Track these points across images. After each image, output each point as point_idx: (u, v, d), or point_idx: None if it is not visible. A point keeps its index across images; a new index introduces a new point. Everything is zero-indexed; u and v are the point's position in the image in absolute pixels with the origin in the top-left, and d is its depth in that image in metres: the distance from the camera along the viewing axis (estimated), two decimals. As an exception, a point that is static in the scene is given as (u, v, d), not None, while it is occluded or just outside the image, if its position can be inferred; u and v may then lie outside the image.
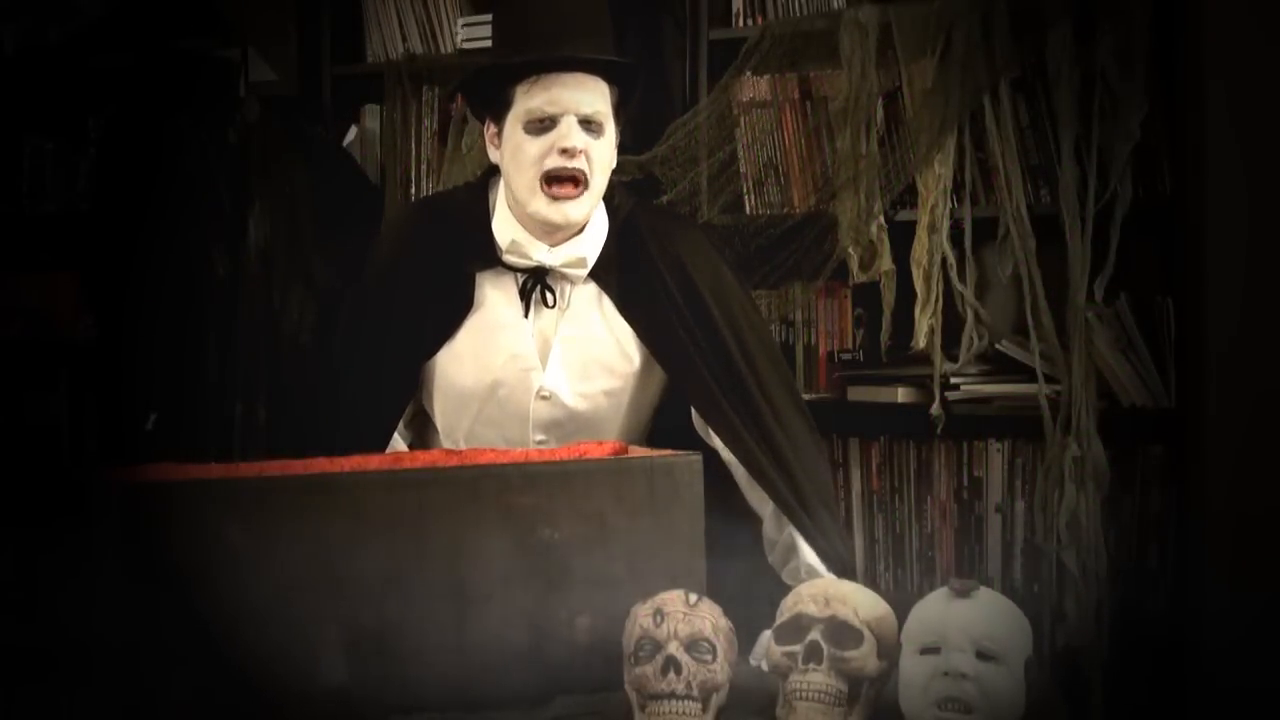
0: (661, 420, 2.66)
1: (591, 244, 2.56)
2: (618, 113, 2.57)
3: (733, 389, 2.55)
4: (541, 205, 2.50)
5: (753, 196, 3.80)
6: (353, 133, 4.39)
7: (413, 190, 4.27)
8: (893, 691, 1.89)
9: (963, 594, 1.85)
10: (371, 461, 2.21)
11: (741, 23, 3.84)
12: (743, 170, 3.80)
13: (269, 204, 4.13)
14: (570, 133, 2.48)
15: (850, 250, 3.60)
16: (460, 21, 4.18)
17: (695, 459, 2.16)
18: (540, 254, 2.53)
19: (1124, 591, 3.39)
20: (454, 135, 4.18)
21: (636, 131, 3.86)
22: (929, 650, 1.84)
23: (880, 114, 3.59)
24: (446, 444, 2.62)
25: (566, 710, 2.01)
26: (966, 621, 1.83)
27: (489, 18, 4.11)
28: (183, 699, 1.91)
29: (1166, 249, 3.39)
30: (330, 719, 1.96)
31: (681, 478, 2.13)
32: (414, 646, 2.00)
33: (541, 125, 2.49)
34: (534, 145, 2.49)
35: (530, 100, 2.49)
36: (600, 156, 2.52)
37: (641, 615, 1.94)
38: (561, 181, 2.49)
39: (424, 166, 4.26)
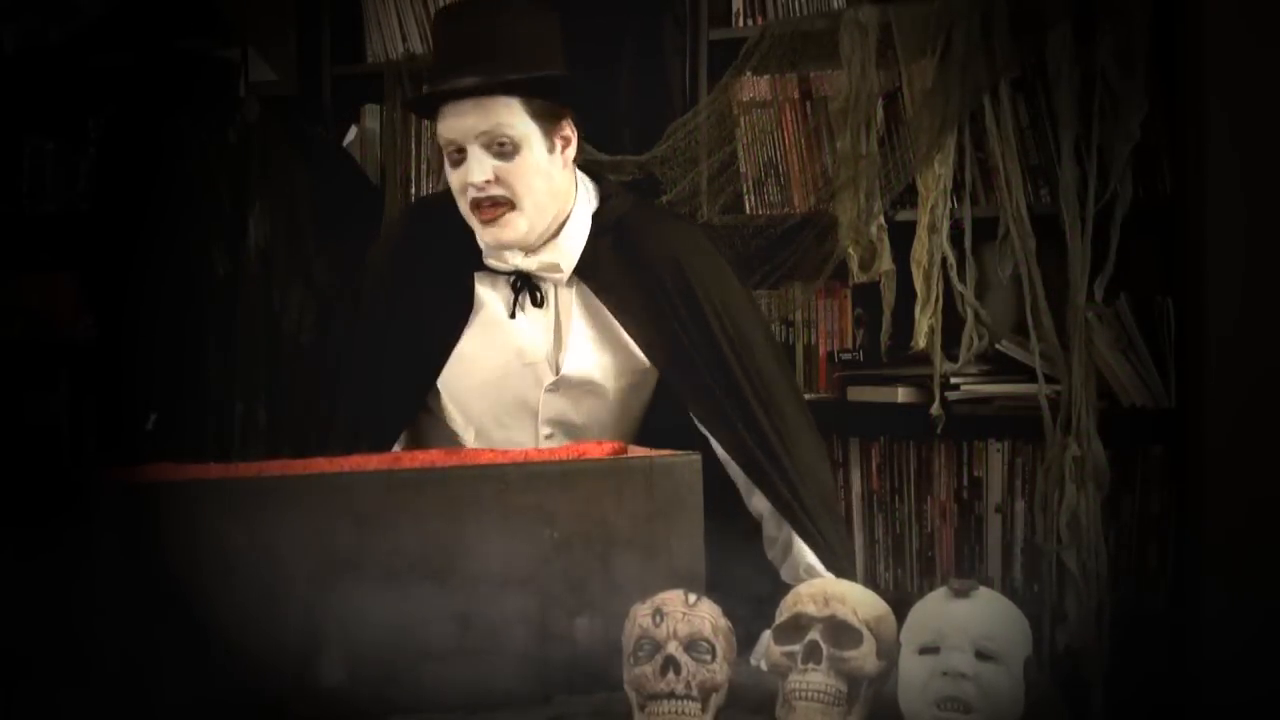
0: (661, 420, 2.65)
1: (568, 249, 2.54)
2: (548, 115, 2.49)
3: (729, 391, 2.53)
4: (479, 229, 2.50)
5: (753, 196, 3.80)
6: (353, 133, 4.39)
7: (413, 190, 4.27)
8: (892, 691, 1.89)
9: (962, 594, 1.85)
10: (371, 461, 2.21)
11: (741, 23, 3.84)
12: (743, 170, 3.80)
13: (269, 204, 4.13)
14: (474, 166, 2.45)
15: (850, 250, 3.60)
16: (460, 21, 4.18)
17: (695, 459, 2.16)
18: (517, 259, 2.53)
19: (1124, 591, 3.39)
20: (454, 135, 4.18)
21: (636, 131, 3.87)
22: (928, 650, 1.83)
23: (880, 114, 3.59)
24: (458, 437, 2.62)
25: (566, 710, 2.01)
26: (966, 621, 1.83)
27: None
28: (182, 699, 1.91)
29: (1166, 249, 3.39)
30: (330, 719, 1.96)
31: (681, 478, 2.13)
32: (414, 646, 2.00)
33: (458, 156, 2.47)
34: (455, 176, 2.49)
35: (438, 129, 2.49)
36: (523, 174, 2.46)
37: (641, 615, 1.93)
38: (484, 207, 2.47)
39: (424, 166, 4.26)
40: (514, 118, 2.46)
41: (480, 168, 2.45)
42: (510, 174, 2.46)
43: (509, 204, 2.46)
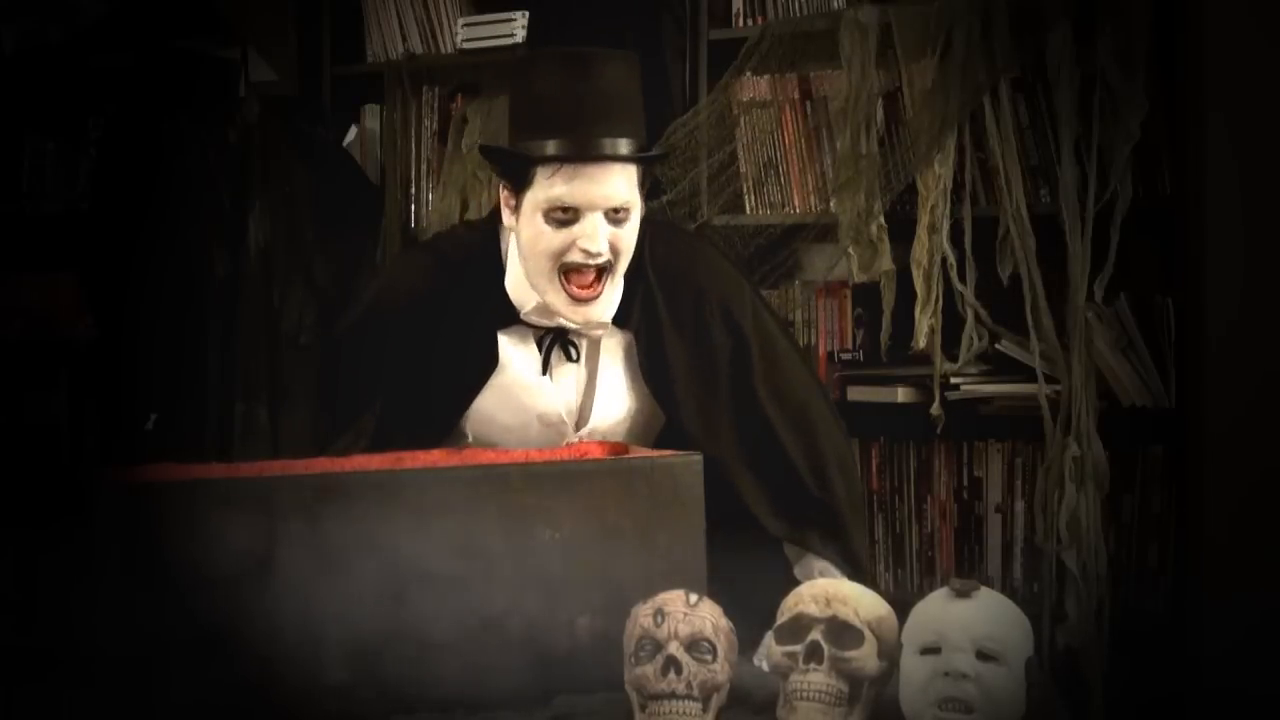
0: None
1: (612, 303, 2.43)
2: (643, 187, 2.39)
3: (752, 428, 2.45)
4: (560, 303, 2.36)
5: (753, 196, 3.81)
6: (353, 133, 4.39)
7: (413, 190, 4.27)
8: (893, 692, 1.89)
9: (963, 594, 1.85)
10: (372, 461, 2.21)
11: (741, 23, 3.84)
12: (743, 170, 3.81)
13: (269, 204, 4.13)
14: (595, 233, 2.30)
15: (850, 250, 3.60)
16: (460, 21, 4.19)
17: (695, 459, 2.16)
18: (562, 317, 2.40)
19: (1124, 591, 3.39)
20: (454, 135, 4.19)
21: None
22: (929, 650, 1.83)
23: (880, 114, 3.59)
24: None
25: (566, 710, 2.01)
26: (967, 622, 1.83)
27: (489, 18, 4.13)
28: (183, 699, 1.91)
29: (1166, 249, 3.39)
30: (331, 719, 1.96)
31: (681, 478, 2.13)
32: (414, 646, 2.00)
33: (565, 217, 2.31)
34: (554, 237, 2.32)
35: (552, 191, 2.31)
36: (628, 240, 2.35)
37: (642, 615, 1.93)
38: (582, 273, 2.33)
39: (424, 166, 4.26)
40: (633, 187, 2.35)
41: (602, 235, 2.31)
42: (620, 241, 2.34)
43: (607, 270, 2.34)
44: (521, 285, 2.42)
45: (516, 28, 4.07)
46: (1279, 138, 3.30)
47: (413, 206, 4.27)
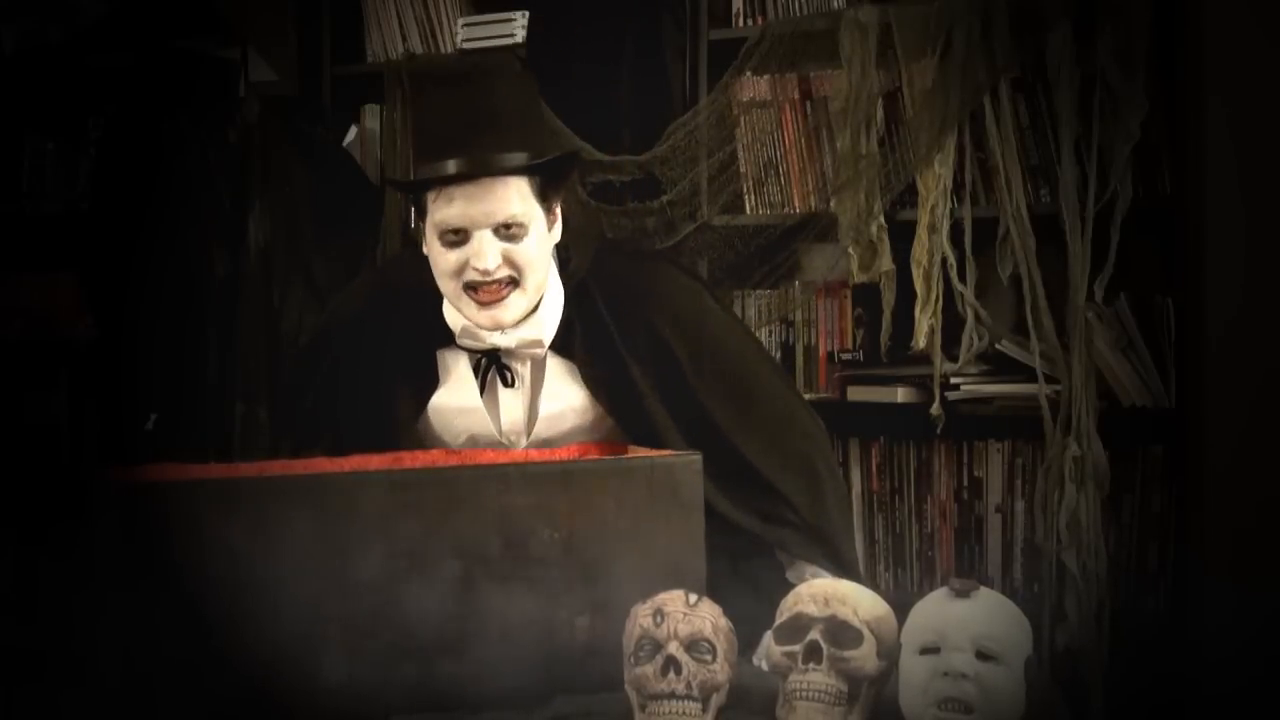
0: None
1: (548, 321, 2.42)
2: (550, 194, 2.38)
3: (717, 450, 2.39)
4: (471, 311, 2.36)
5: (753, 196, 3.81)
6: (353, 133, 4.39)
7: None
8: (893, 691, 1.89)
9: (963, 594, 1.85)
10: (371, 461, 2.21)
11: (741, 23, 3.85)
12: (743, 170, 3.81)
13: (269, 204, 4.13)
14: (483, 251, 2.31)
15: (850, 250, 3.60)
16: (460, 21, 4.19)
17: (695, 459, 2.16)
18: (494, 338, 2.39)
19: (1124, 591, 3.39)
20: (454, 135, 4.18)
21: (636, 131, 3.87)
22: (929, 650, 1.83)
23: (880, 114, 3.59)
24: None
25: (566, 710, 2.01)
26: (966, 621, 1.83)
27: (489, 18, 4.13)
28: (183, 699, 1.91)
29: (1166, 249, 3.39)
30: (330, 719, 1.96)
31: (681, 478, 2.13)
32: (414, 646, 2.00)
33: (455, 239, 2.33)
34: (450, 257, 2.33)
35: (438, 215, 2.33)
36: (528, 254, 2.33)
37: (642, 615, 1.93)
38: (485, 289, 2.33)
39: (424, 167, 4.25)
40: (524, 201, 2.33)
41: (491, 253, 2.31)
42: (517, 255, 2.33)
43: (513, 283, 2.34)
44: (454, 310, 2.42)
45: (516, 28, 4.07)
46: (1279, 138, 3.30)
47: (412, 207, 4.27)
